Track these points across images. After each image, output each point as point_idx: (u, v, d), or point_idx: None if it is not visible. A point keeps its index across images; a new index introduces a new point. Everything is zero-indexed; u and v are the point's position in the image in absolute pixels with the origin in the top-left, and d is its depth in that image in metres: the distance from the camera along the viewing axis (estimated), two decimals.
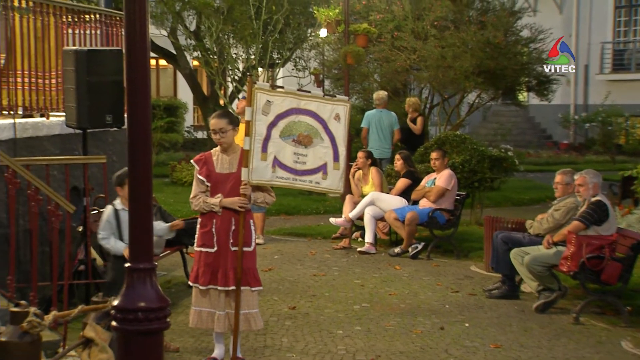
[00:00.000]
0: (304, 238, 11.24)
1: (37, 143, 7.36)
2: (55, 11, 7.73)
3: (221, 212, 5.77)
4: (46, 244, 6.84)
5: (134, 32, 3.41)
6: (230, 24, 15.80)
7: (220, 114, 5.85)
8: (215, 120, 5.82)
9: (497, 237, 8.20)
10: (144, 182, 3.58)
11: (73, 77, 6.95)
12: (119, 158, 8.69)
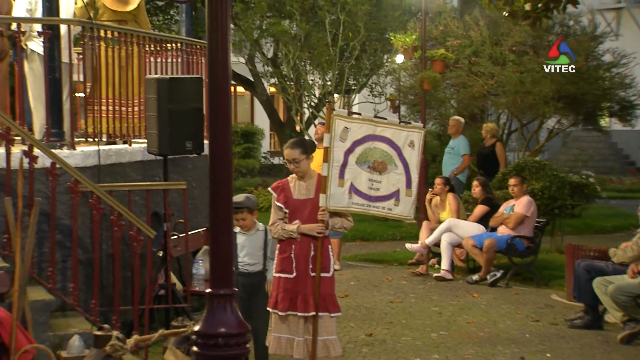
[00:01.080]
0: (380, 264, 11.19)
1: (119, 169, 7.52)
2: (139, 40, 7.92)
3: (299, 238, 5.79)
4: (128, 268, 6.97)
5: (215, 61, 3.46)
6: (307, 50, 15.95)
7: (293, 144, 5.88)
8: (288, 150, 5.86)
9: (579, 266, 8.01)
10: (224, 208, 3.61)
11: (155, 104, 7.08)
12: (198, 184, 8.83)
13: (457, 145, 12.67)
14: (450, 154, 12.72)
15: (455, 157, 12.65)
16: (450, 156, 12.71)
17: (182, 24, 9.92)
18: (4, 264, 6.18)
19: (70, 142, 7.02)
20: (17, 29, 6.97)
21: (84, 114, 8.19)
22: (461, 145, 12.64)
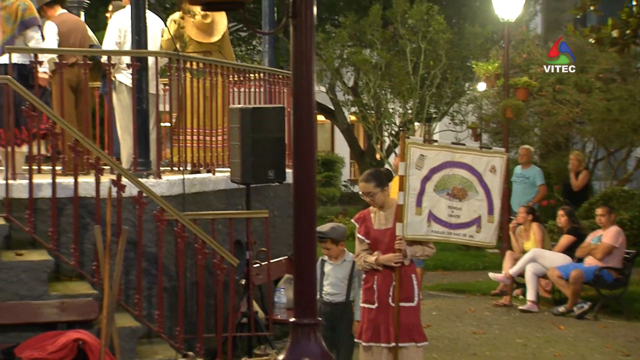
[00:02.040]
0: (463, 294, 11.02)
1: (203, 198, 7.63)
2: (223, 71, 8.06)
3: (381, 269, 5.76)
4: (211, 296, 7.03)
5: (300, 91, 3.49)
6: (388, 79, 15.96)
7: (367, 177, 5.85)
8: (362, 183, 5.85)
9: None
10: (308, 236, 3.62)
11: (238, 134, 7.17)
12: (280, 213, 8.88)
13: (533, 175, 12.42)
14: (525, 183, 12.45)
15: (530, 187, 12.39)
16: (525, 186, 12.43)
17: (265, 54, 10.05)
18: (93, 290, 6.32)
19: (157, 171, 7.16)
20: (107, 61, 7.17)
21: (169, 143, 8.36)
22: (537, 175, 12.40)
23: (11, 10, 7.05)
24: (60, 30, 8.11)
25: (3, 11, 7.06)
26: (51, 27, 8.15)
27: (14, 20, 7.03)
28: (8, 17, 7.05)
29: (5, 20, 7.05)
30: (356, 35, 16.46)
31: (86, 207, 6.58)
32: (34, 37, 7.09)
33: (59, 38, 8.06)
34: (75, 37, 8.18)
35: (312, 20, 3.36)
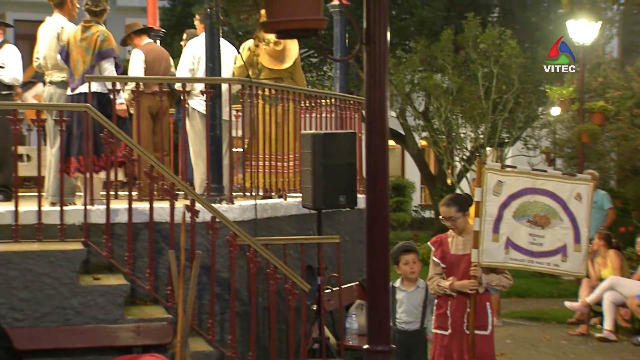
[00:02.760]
0: (538, 322, 10.80)
1: (275, 223, 7.67)
2: (294, 97, 8.13)
3: (455, 295, 5.69)
4: (283, 321, 7.04)
5: (373, 117, 3.50)
6: (459, 104, 15.85)
7: (448, 202, 5.82)
8: (444, 208, 5.80)
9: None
10: (381, 261, 3.60)
11: (310, 159, 7.20)
12: (351, 238, 8.87)
13: (600, 199, 12.10)
14: (594, 208, 12.14)
15: (598, 211, 12.07)
16: (594, 211, 12.12)
17: (336, 80, 10.10)
18: (167, 315, 6.40)
19: (229, 197, 7.23)
20: (182, 88, 7.30)
21: (241, 168, 8.45)
22: (604, 199, 12.10)
23: (91, 41, 7.25)
24: (147, 59, 8.33)
25: (84, 41, 7.27)
26: (138, 55, 8.38)
27: (92, 50, 7.23)
28: (88, 47, 7.25)
29: (85, 50, 7.25)
30: (427, 60, 16.41)
31: (161, 232, 6.69)
32: (108, 68, 7.28)
33: (145, 66, 8.28)
34: (160, 65, 8.40)
35: (386, 47, 3.37)
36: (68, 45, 7.35)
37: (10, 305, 5.96)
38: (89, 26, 7.32)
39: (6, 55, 8.21)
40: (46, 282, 6.04)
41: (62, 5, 7.66)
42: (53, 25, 7.65)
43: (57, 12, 7.72)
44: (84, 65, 7.25)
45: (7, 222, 6.31)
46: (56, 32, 7.55)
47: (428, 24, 17.81)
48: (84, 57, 7.25)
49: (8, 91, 8.17)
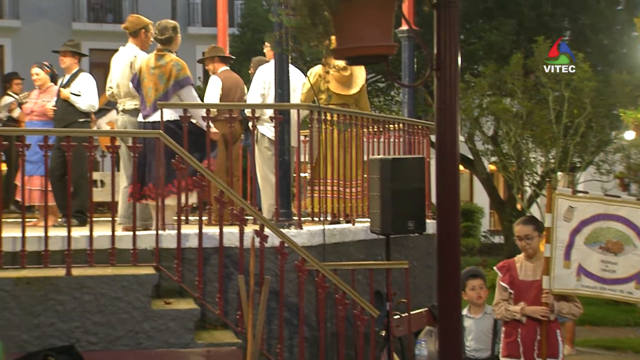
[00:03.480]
0: (613, 351, 10.54)
1: (343, 248, 7.66)
2: (361, 122, 8.14)
3: (525, 321, 5.60)
4: (351, 347, 7.01)
5: (444, 142, 3.48)
6: (529, 128, 15.66)
7: (525, 220, 5.79)
8: (520, 226, 5.73)
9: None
10: (452, 289, 3.56)
11: (378, 184, 7.18)
12: (419, 263, 8.80)
13: None
14: None
15: None
16: None
17: (404, 105, 10.10)
18: (237, 339, 6.42)
19: (298, 222, 7.26)
20: (251, 114, 7.38)
21: (309, 193, 8.48)
22: None
23: (165, 70, 7.39)
24: (224, 86, 8.48)
25: (157, 70, 7.41)
26: (216, 82, 8.54)
27: (167, 78, 7.36)
28: (161, 75, 7.39)
29: (158, 79, 7.39)
30: (496, 84, 16.28)
31: (230, 257, 6.75)
32: (190, 94, 7.43)
33: (221, 93, 8.44)
34: (235, 93, 8.56)
35: (457, 73, 3.35)
36: (140, 73, 7.51)
37: (84, 329, 6.07)
38: (162, 55, 7.46)
39: (82, 83, 8.43)
40: (119, 306, 6.14)
41: (136, 35, 7.84)
42: (126, 54, 7.83)
43: (132, 41, 7.90)
44: (156, 93, 7.39)
45: (82, 247, 6.44)
46: (129, 61, 7.72)
47: (497, 48, 17.69)
48: (157, 85, 7.39)
49: (85, 118, 8.39)
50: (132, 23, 7.88)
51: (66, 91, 8.30)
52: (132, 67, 7.69)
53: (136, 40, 7.86)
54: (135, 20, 7.93)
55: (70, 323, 6.03)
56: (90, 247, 6.37)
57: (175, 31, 7.60)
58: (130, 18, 7.98)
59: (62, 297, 6.04)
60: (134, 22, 7.89)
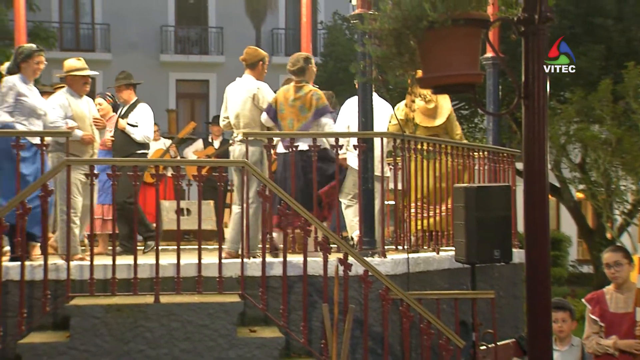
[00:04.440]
0: None
1: (427, 277, 7.60)
2: (446, 150, 8.09)
3: (617, 354, 5.44)
4: None
5: (532, 171, 3.43)
6: (619, 155, 15.29)
7: (615, 248, 5.68)
8: (609, 254, 5.60)
9: None
10: (543, 319, 3.49)
11: (463, 212, 7.11)
12: (505, 293, 8.65)
13: None
14: None
15: None
16: None
17: (489, 132, 9.99)
18: None
19: (381, 251, 7.24)
20: (335, 143, 7.43)
21: (393, 222, 8.45)
22: None
23: (305, 100, 7.59)
24: None
25: (298, 101, 7.61)
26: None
27: (307, 108, 7.57)
28: (302, 106, 7.60)
29: (299, 110, 7.61)
30: (583, 110, 15.98)
31: (314, 285, 6.76)
32: (328, 123, 7.60)
33: None
34: None
35: (545, 101, 3.31)
36: (276, 105, 7.67)
37: (172, 356, 6.16)
38: (301, 86, 7.66)
39: (139, 114, 8.54)
40: (206, 333, 6.22)
41: (254, 67, 7.95)
42: (246, 86, 7.89)
43: (249, 72, 7.97)
44: (298, 123, 7.58)
45: (170, 275, 6.56)
46: (251, 93, 7.79)
47: (584, 74, 17.38)
48: (298, 116, 7.59)
49: (142, 150, 8.51)
50: (251, 55, 7.98)
51: (123, 122, 8.44)
52: (255, 99, 7.81)
53: (254, 72, 7.96)
54: (253, 52, 8.04)
55: (158, 350, 6.14)
56: (178, 275, 6.48)
57: (307, 62, 7.77)
58: (248, 50, 8.09)
59: (151, 324, 6.15)
60: (252, 54, 8.00)
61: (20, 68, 7.31)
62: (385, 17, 3.13)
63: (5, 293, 6.36)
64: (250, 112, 7.78)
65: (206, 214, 9.67)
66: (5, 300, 6.34)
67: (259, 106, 7.77)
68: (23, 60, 7.32)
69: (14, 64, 7.35)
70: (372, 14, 4.10)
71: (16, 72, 7.30)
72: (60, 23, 25.45)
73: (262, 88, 7.83)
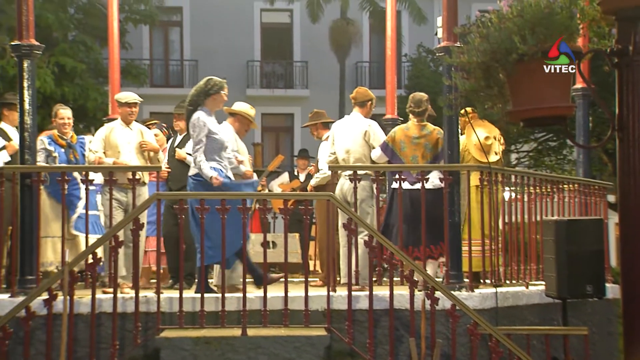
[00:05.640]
0: None
1: (517, 312, 7.45)
2: (536, 182, 7.98)
3: None
4: None
5: (627, 205, 3.34)
6: None
7: None
8: None
9: None
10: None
11: (553, 246, 6.98)
12: (598, 330, 8.40)
13: None
14: None
15: None
16: None
17: (579, 164, 9.79)
18: None
19: (469, 285, 7.14)
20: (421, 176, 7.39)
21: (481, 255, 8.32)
22: None
23: (431, 138, 7.80)
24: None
25: (423, 139, 7.81)
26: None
27: (433, 146, 7.78)
28: (427, 144, 7.80)
29: (424, 147, 7.79)
30: None
31: (401, 320, 6.70)
32: None
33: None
34: None
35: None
36: (393, 143, 7.86)
37: None
38: (424, 125, 7.88)
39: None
40: None
41: (363, 105, 8.24)
42: (357, 123, 8.14)
43: (358, 111, 8.25)
44: (423, 160, 7.75)
45: (256, 308, 6.60)
46: (363, 130, 8.06)
47: None
48: (424, 153, 7.78)
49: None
50: (361, 94, 8.30)
51: (182, 152, 8.40)
52: (366, 135, 8.04)
53: (362, 110, 8.24)
54: (364, 92, 8.35)
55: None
56: (264, 308, 6.51)
57: (428, 102, 8.03)
58: (359, 90, 8.42)
59: (239, 357, 6.19)
60: (363, 94, 8.31)
61: (207, 101, 7.37)
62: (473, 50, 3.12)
63: (99, 325, 6.51)
64: (361, 147, 8.04)
65: (292, 247, 9.71)
66: (98, 332, 6.49)
67: (370, 143, 8.03)
68: (216, 92, 7.40)
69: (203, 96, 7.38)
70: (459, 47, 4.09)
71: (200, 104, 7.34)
72: (150, 60, 26.17)
73: (372, 126, 8.11)
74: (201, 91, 7.40)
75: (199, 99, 7.38)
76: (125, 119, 8.01)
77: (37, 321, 6.35)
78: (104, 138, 7.91)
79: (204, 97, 7.38)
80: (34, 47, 7.12)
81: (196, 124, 7.26)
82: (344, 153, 8.08)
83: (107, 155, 7.86)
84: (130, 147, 7.92)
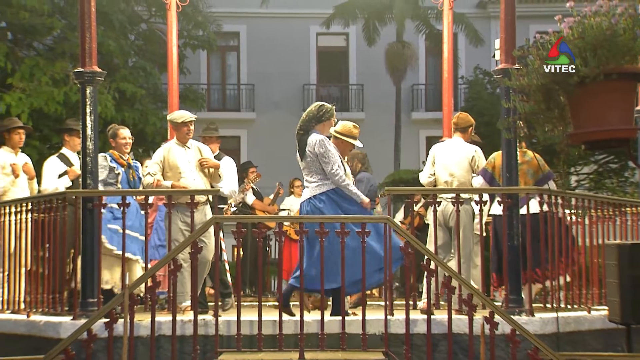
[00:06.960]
0: None
1: (579, 338, 7.31)
2: (596, 205, 7.86)
3: None
4: None
5: None
6: None
7: None
8: None
9: None
10: None
11: (616, 271, 6.83)
12: None
13: None
14: None
15: None
16: None
17: None
18: None
19: (529, 309, 7.03)
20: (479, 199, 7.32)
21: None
22: None
23: (532, 165, 7.99)
24: None
25: (525, 165, 7.96)
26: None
27: (534, 172, 7.98)
28: (529, 170, 7.98)
29: (526, 173, 7.97)
30: None
31: (459, 344, 6.63)
32: (552, 185, 7.95)
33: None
34: None
35: None
36: (494, 169, 8.01)
37: None
38: (525, 152, 8.02)
39: (225, 168, 8.44)
40: None
41: (464, 131, 8.31)
42: (463, 148, 8.20)
43: (460, 136, 8.29)
44: (525, 185, 7.89)
45: (314, 331, 6.59)
46: (470, 155, 8.15)
47: None
48: (526, 179, 7.95)
49: (222, 205, 8.56)
50: (463, 120, 8.36)
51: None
52: (472, 161, 8.14)
53: (464, 135, 8.30)
54: (465, 117, 8.40)
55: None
56: (322, 332, 6.50)
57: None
58: (461, 115, 8.47)
59: None
60: (465, 119, 8.37)
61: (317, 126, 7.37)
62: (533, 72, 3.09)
63: (158, 347, 6.57)
64: (467, 173, 8.15)
65: None
66: (158, 355, 6.54)
67: (474, 168, 8.13)
68: (327, 119, 7.44)
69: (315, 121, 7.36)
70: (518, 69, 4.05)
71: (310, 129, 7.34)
72: (208, 85, 26.52)
73: (478, 152, 8.21)
74: (313, 117, 7.42)
75: (310, 124, 7.40)
76: (183, 139, 7.94)
77: (98, 344, 6.42)
78: (162, 160, 7.87)
79: (315, 123, 7.40)
80: (96, 73, 7.27)
81: (325, 143, 7.26)
82: (448, 176, 8.14)
83: (168, 177, 7.84)
84: (191, 166, 7.88)
